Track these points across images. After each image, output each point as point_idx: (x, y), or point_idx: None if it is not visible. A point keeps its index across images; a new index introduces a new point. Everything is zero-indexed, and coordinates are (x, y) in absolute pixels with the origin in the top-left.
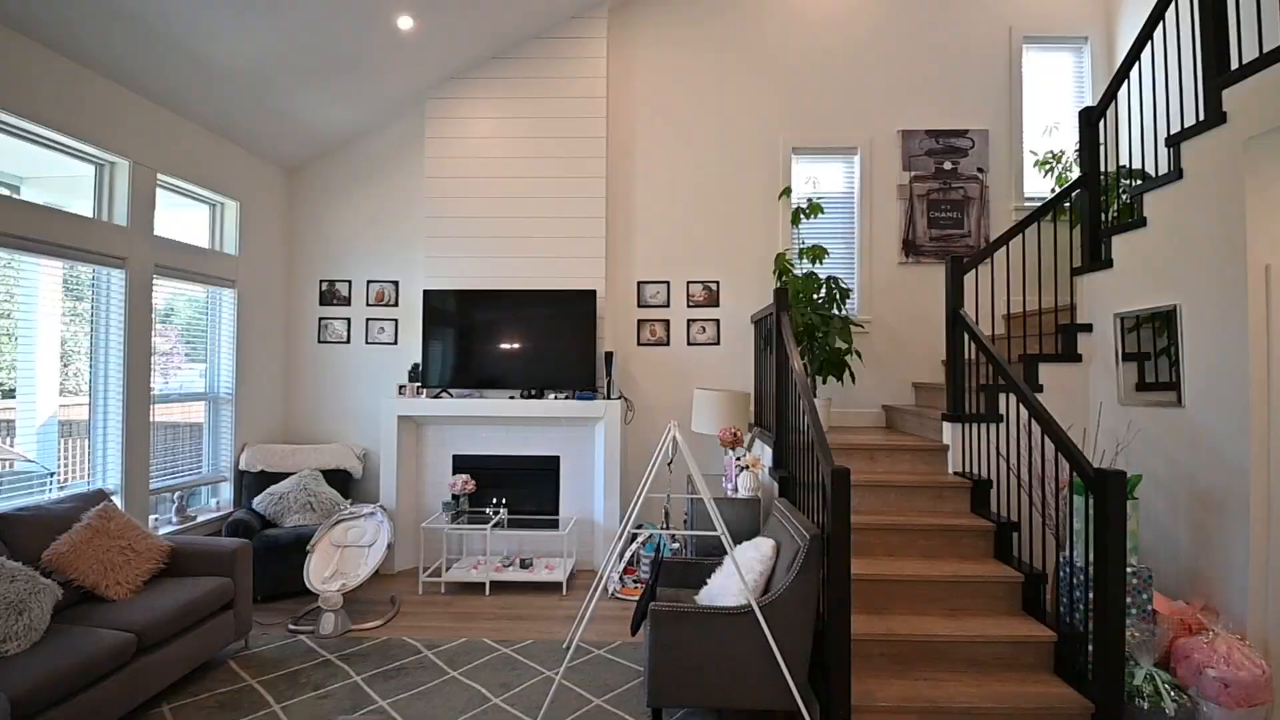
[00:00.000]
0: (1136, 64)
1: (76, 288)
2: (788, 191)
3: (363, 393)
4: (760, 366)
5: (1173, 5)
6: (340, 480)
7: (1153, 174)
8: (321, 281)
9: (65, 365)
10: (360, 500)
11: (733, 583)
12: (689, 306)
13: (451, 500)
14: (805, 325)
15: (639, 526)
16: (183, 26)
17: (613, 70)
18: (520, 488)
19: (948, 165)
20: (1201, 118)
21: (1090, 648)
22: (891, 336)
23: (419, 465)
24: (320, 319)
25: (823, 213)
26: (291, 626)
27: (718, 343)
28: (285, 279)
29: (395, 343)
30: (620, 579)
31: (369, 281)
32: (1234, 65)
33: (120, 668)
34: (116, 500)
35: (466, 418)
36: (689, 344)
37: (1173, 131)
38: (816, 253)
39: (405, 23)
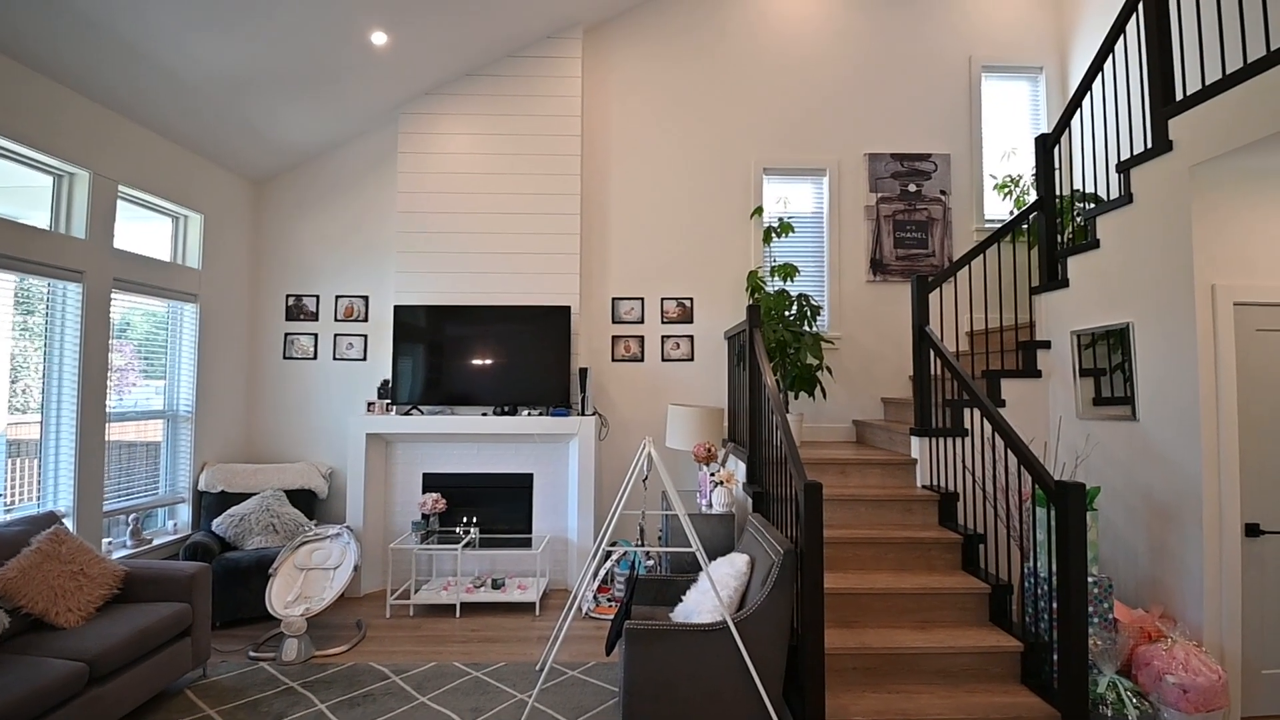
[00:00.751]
0: (1088, 93)
1: (27, 301)
2: (759, 210)
3: (330, 410)
4: (734, 382)
5: (1122, 38)
6: (305, 500)
7: (1105, 198)
8: (288, 296)
9: (14, 382)
10: (326, 521)
11: (708, 599)
12: (663, 323)
13: (421, 520)
14: (777, 342)
15: (614, 544)
16: (149, 37)
17: (587, 89)
18: (492, 506)
19: (912, 187)
20: (1150, 145)
21: (1055, 657)
22: (861, 353)
23: (388, 484)
24: (286, 334)
25: (793, 232)
26: (252, 654)
27: (692, 359)
28: (250, 293)
29: (364, 359)
30: (594, 598)
31: (338, 296)
32: (1179, 96)
33: (71, 699)
34: (68, 523)
35: (437, 435)
36: (663, 360)
37: (1123, 158)
38: (788, 271)
39: (379, 38)
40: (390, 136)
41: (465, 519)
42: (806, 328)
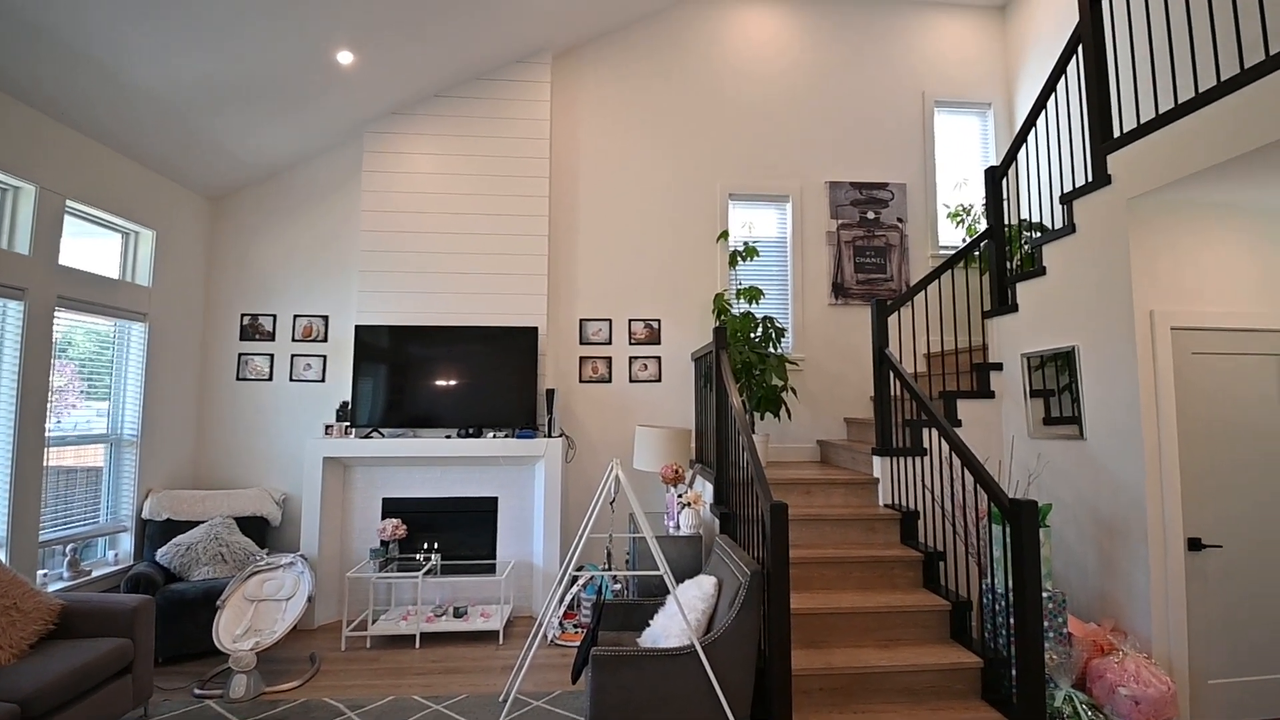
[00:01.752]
0: (1033, 129)
1: None
2: (725, 235)
3: (285, 433)
4: (701, 403)
5: (1063, 78)
6: (257, 528)
7: (1050, 227)
8: (243, 315)
9: None
10: (279, 550)
11: (675, 623)
12: (631, 344)
13: (380, 547)
14: (743, 363)
15: (580, 568)
16: (103, 48)
17: (556, 112)
18: (455, 531)
19: (870, 214)
20: (1090, 179)
21: (1014, 672)
22: (824, 374)
23: (345, 510)
24: (240, 355)
25: (758, 255)
26: (198, 691)
27: (659, 380)
28: (204, 312)
29: (323, 380)
30: (560, 624)
31: (296, 316)
32: (1116, 133)
33: None
34: (0, 554)
35: (399, 458)
36: (631, 381)
37: (1066, 190)
38: (753, 293)
39: (345, 58)
40: (355, 154)
41: (426, 545)
42: (771, 349)
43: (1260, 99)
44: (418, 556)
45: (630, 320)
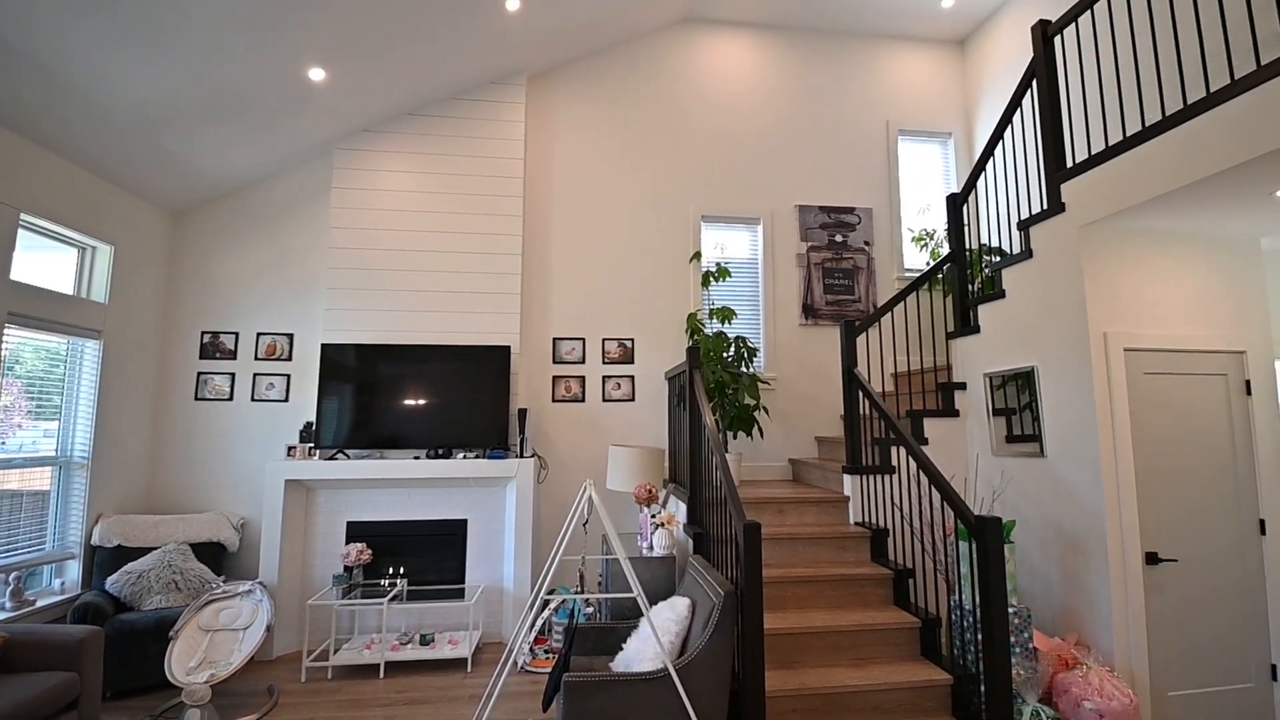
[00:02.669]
0: (992, 159)
1: None
2: (698, 255)
3: (245, 455)
4: (675, 422)
5: (1019, 111)
6: (213, 554)
7: (1009, 252)
8: (204, 333)
9: None
10: (236, 577)
11: (649, 646)
12: (605, 363)
13: (344, 573)
14: (716, 382)
15: (552, 591)
16: (63, 60)
17: (531, 132)
18: (422, 555)
19: (839, 238)
20: (1045, 206)
21: (982, 688)
22: (795, 393)
23: (307, 535)
24: (200, 374)
25: (730, 276)
26: None
27: (633, 399)
28: (162, 330)
29: (286, 400)
30: (531, 650)
31: (259, 334)
32: (1069, 163)
33: None
34: None
35: (365, 480)
36: (604, 400)
37: (1024, 217)
38: (725, 313)
39: (317, 74)
40: (324, 171)
41: (392, 570)
42: (744, 369)
43: (1202, 133)
44: (383, 582)
45: (604, 339)
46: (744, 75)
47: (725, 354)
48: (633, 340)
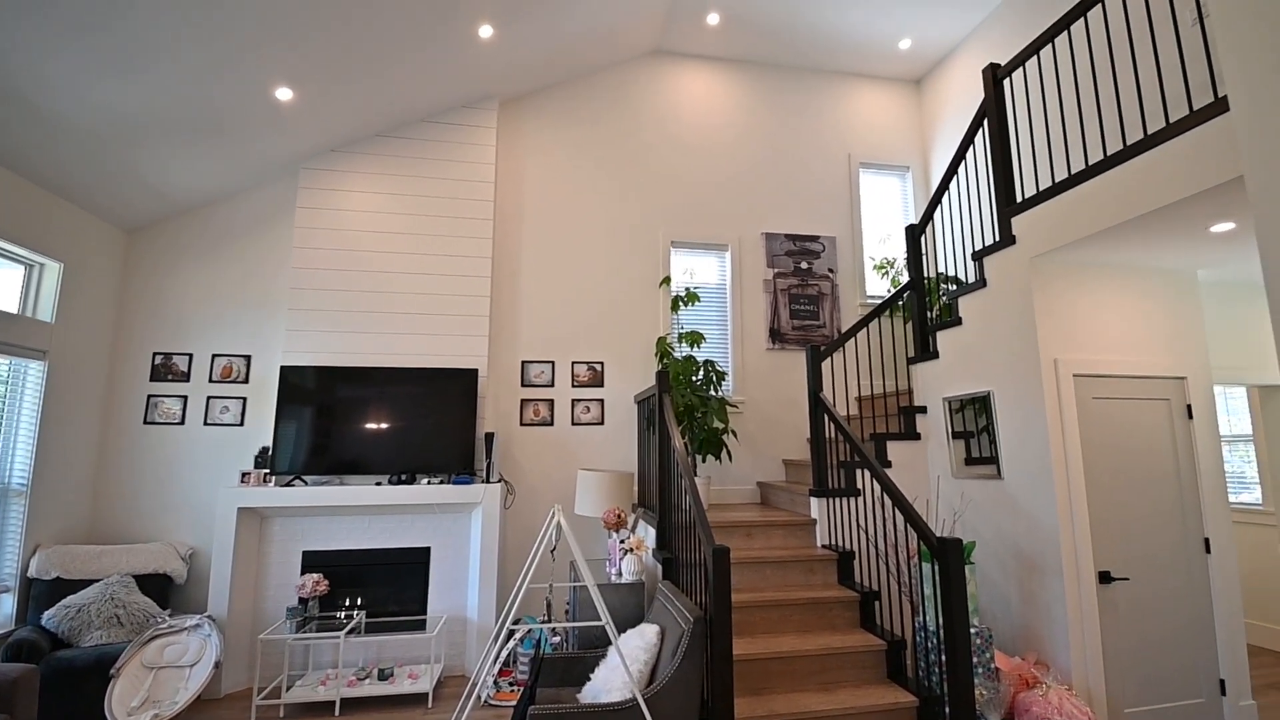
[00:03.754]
0: (947, 192)
1: None
2: (668, 280)
3: (196, 481)
4: (644, 446)
5: (972, 148)
6: (159, 587)
7: (965, 281)
8: (156, 354)
9: None
10: (183, 611)
11: (617, 675)
12: (574, 386)
13: (299, 605)
14: (685, 406)
15: (517, 621)
16: (7, 67)
17: (502, 155)
18: (383, 585)
19: (804, 265)
20: (997, 238)
21: (948, 710)
22: (763, 416)
23: (261, 565)
24: (150, 396)
25: (699, 301)
26: None
27: (602, 422)
28: (111, 351)
29: (241, 424)
30: (495, 683)
31: (214, 355)
32: (1019, 198)
33: None
34: None
35: (323, 508)
36: (573, 424)
37: (978, 248)
38: (694, 337)
39: (284, 94)
40: (288, 190)
41: (349, 601)
42: (713, 392)
43: (1142, 171)
44: (339, 615)
45: (574, 362)
46: (713, 107)
47: (695, 377)
48: (602, 364)
